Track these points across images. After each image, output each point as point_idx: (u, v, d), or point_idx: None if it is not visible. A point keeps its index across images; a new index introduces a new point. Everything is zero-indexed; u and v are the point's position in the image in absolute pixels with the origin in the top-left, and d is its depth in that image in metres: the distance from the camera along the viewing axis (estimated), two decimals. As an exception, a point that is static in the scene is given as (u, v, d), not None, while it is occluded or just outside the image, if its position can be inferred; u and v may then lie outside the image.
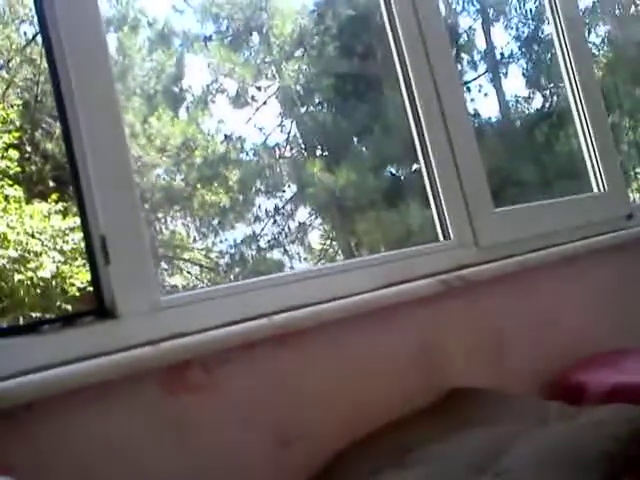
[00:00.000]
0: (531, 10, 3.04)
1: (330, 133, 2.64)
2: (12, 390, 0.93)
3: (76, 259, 2.09)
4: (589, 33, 2.91)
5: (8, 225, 2.04)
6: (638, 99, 3.11)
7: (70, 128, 1.11)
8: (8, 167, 2.13)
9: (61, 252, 2.06)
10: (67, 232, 2.09)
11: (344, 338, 1.27)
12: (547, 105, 3.00)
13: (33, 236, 2.04)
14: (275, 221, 2.47)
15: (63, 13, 1.12)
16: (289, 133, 2.59)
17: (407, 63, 1.61)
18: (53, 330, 1.03)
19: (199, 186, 2.41)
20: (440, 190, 1.58)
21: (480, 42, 3.04)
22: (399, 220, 2.46)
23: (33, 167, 2.20)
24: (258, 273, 2.47)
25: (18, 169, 2.15)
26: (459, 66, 2.83)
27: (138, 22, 2.51)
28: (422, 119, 1.60)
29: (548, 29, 2.08)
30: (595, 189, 1.97)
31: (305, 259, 2.51)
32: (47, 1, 1.12)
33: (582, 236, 1.74)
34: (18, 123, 2.21)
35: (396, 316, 1.34)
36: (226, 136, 2.49)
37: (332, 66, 2.64)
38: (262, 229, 2.45)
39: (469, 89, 2.86)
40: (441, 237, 1.57)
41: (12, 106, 2.22)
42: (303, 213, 2.55)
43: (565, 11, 2.00)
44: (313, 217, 2.58)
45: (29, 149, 2.22)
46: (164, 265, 2.35)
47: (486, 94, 2.93)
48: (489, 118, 2.93)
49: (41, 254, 2.04)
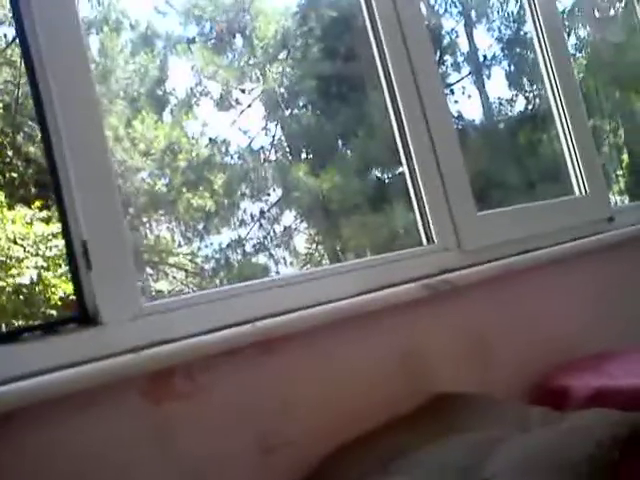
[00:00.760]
0: (512, 12, 3.05)
1: (315, 136, 2.63)
2: (-8, 400, 0.92)
3: (60, 265, 2.07)
4: (569, 35, 2.93)
5: (-11, 230, 2.01)
6: (618, 102, 3.14)
7: (50, 132, 1.11)
8: (-12, 172, 2.11)
9: (44, 258, 2.03)
10: (50, 238, 2.07)
11: (329, 343, 1.27)
12: (530, 107, 3.02)
13: (15, 242, 2.02)
14: (261, 225, 2.46)
15: (41, 15, 1.11)
16: (274, 136, 2.58)
17: (389, 65, 1.62)
18: (35, 338, 1.02)
19: (184, 190, 2.40)
20: (423, 193, 1.58)
21: (463, 44, 3.05)
22: (384, 224, 2.46)
23: (15, 172, 2.18)
24: (244, 277, 2.46)
25: (-1, 174, 2.13)
26: (442, 68, 2.84)
27: (120, 24, 2.49)
28: (405, 122, 1.61)
29: (529, 31, 2.10)
30: (577, 192, 1.99)
31: (291, 263, 2.50)
32: (24, 3, 1.11)
33: (565, 239, 1.75)
34: (-2, 126, 2.18)
35: (380, 320, 1.34)
36: (210, 139, 2.48)
37: (316, 68, 2.63)
38: (247, 233, 2.44)
39: (452, 91, 2.87)
40: (425, 241, 1.58)
41: (-8, 109, 2.19)
42: (289, 217, 2.54)
43: (544, 13, 2.02)
44: (299, 221, 2.57)
45: (10, 153, 2.19)
46: (149, 270, 2.33)
47: (469, 96, 2.95)
48: (472, 120, 2.94)
49: (23, 260, 2.01)
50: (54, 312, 2.03)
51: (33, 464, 0.95)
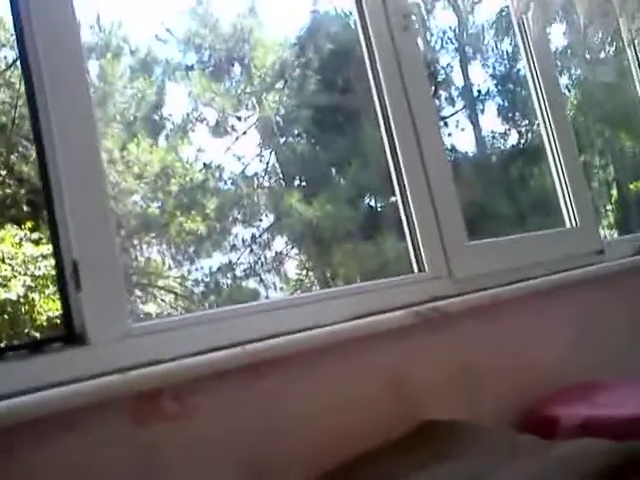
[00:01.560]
0: (507, 50, 3.12)
1: (308, 164, 2.66)
2: (-26, 418, 0.90)
3: (47, 286, 2.06)
4: (561, 74, 3.00)
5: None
6: (608, 139, 3.20)
7: (45, 152, 1.11)
8: (-20, 191, 2.11)
9: (32, 278, 2.02)
10: (40, 259, 2.06)
11: (318, 368, 1.26)
12: (522, 141, 3.07)
13: (3, 261, 2.01)
14: (252, 250, 2.46)
15: (43, 39, 1.13)
16: (268, 163, 2.60)
17: (385, 97, 1.65)
18: (19, 357, 1.01)
19: (176, 213, 2.40)
20: (416, 222, 1.59)
21: (458, 79, 3.11)
22: (375, 252, 2.47)
23: (7, 190, 2.18)
24: (233, 302, 2.45)
25: (-10, 193, 2.13)
26: (437, 102, 2.89)
27: (121, 50, 2.53)
28: (399, 153, 1.63)
29: (523, 69, 2.15)
30: (568, 224, 2.01)
31: (281, 289, 2.50)
32: (27, 26, 1.13)
33: (554, 270, 1.76)
34: (-7, 146, 2.19)
35: (370, 347, 1.34)
36: (205, 164, 2.49)
37: (312, 98, 2.67)
38: (238, 258, 2.44)
39: (447, 124, 2.91)
40: (416, 269, 1.59)
41: (-13, 129, 2.20)
42: (280, 243, 2.54)
43: (538, 52, 2.06)
44: (290, 247, 2.58)
45: (3, 172, 2.19)
46: (138, 292, 2.32)
47: (463, 129, 2.99)
48: (466, 153, 2.98)
49: (10, 279, 2.00)
50: (38, 334, 2.01)
51: (13, 485, 0.94)
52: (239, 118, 2.60)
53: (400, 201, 1.63)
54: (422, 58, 1.78)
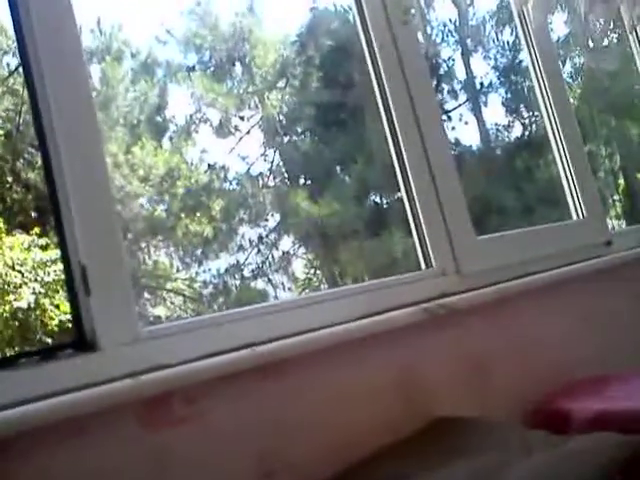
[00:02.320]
0: (508, 41, 3.11)
1: (313, 162, 2.66)
2: (-12, 426, 0.91)
3: (57, 291, 2.07)
4: (564, 64, 2.98)
5: (-13, 256, 2.01)
6: (613, 128, 3.18)
7: (50, 158, 1.12)
8: (-12, 198, 2.12)
9: (42, 284, 2.03)
10: (48, 264, 2.07)
11: (328, 367, 1.26)
12: (527, 133, 3.05)
13: (13, 268, 2.02)
14: (259, 250, 2.46)
15: (44, 44, 1.13)
16: (272, 162, 2.60)
17: (387, 93, 1.64)
18: (31, 364, 1.02)
19: (182, 215, 2.41)
20: (422, 218, 1.59)
21: (460, 72, 3.10)
22: (382, 249, 2.47)
23: (15, 197, 2.19)
24: (242, 303, 2.45)
25: (-2, 200, 2.14)
26: (440, 95, 2.88)
27: (122, 53, 2.53)
28: (403, 148, 1.62)
29: (525, 59, 2.13)
30: (574, 216, 2.00)
31: (289, 288, 2.50)
32: (28, 33, 1.13)
33: (563, 263, 1.76)
34: (-1, 153, 2.20)
35: (379, 345, 1.34)
36: (209, 166, 2.49)
37: (314, 96, 2.67)
38: (246, 258, 2.44)
39: (450, 118, 2.90)
40: (423, 265, 1.58)
41: (-7, 136, 2.21)
42: (287, 242, 2.54)
43: (539, 42, 2.05)
44: (297, 246, 2.58)
45: (10, 179, 2.20)
46: (147, 295, 2.33)
47: (467, 123, 2.98)
48: (470, 146, 2.97)
49: (21, 286, 2.01)
50: (50, 340, 2.02)
51: (28, 492, 0.94)
52: (242, 118, 2.60)
53: (405, 197, 1.63)
54: (423, 52, 1.77)
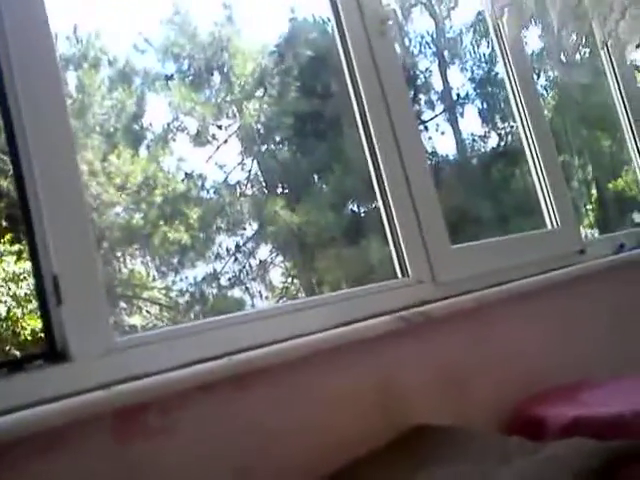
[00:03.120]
0: (484, 54, 3.15)
1: (291, 171, 2.65)
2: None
3: (30, 301, 2.03)
4: (538, 76, 3.03)
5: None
6: (586, 140, 3.24)
7: (22, 165, 1.10)
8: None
9: (13, 296, 1.99)
10: (21, 276, 2.03)
11: (305, 376, 1.26)
12: (502, 144, 3.09)
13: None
14: (236, 259, 2.45)
15: (17, 50, 1.12)
16: (250, 171, 2.59)
17: (364, 103, 1.65)
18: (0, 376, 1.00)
19: (160, 224, 2.38)
20: (398, 227, 1.60)
21: (437, 83, 3.13)
22: (360, 257, 2.47)
23: (-14, 205, 2.15)
24: (219, 311, 2.43)
25: (-33, 207, 2.09)
26: (417, 106, 2.90)
27: (99, 61, 2.51)
28: (379, 158, 1.63)
29: (501, 72, 2.17)
30: (549, 225, 2.03)
31: (267, 297, 2.48)
32: (0, 39, 1.11)
33: (537, 271, 1.78)
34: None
35: (356, 353, 1.34)
36: (187, 174, 2.48)
37: (292, 105, 2.67)
38: (223, 267, 2.42)
39: (427, 128, 2.92)
40: (400, 274, 1.59)
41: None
42: (264, 251, 2.53)
43: (514, 55, 2.09)
44: (274, 255, 2.57)
45: (-19, 187, 2.16)
46: (123, 305, 2.30)
47: (443, 133, 3.01)
48: (446, 156, 2.99)
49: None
50: (19, 352, 1.97)
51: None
52: (220, 127, 2.59)
53: (382, 206, 1.64)
54: (400, 63, 1.79)
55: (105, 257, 2.18)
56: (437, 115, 3.00)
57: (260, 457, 1.16)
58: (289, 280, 2.55)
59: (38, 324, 1.94)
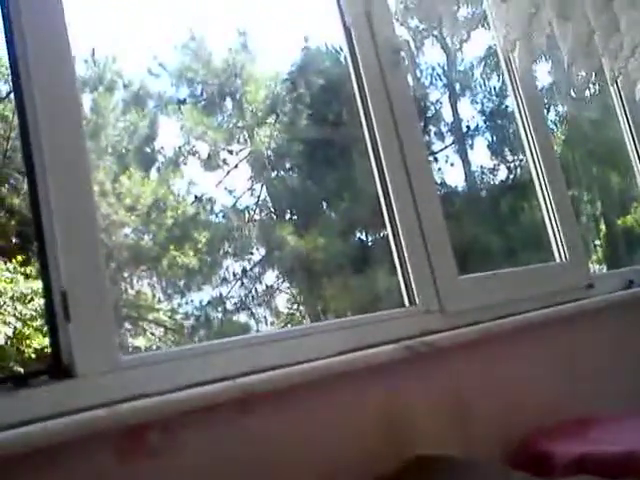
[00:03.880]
0: (495, 87, 3.18)
1: (300, 198, 2.67)
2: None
3: (35, 320, 2.03)
4: (548, 111, 3.06)
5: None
6: (595, 176, 3.25)
7: (37, 184, 1.11)
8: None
9: (19, 315, 1.99)
10: (28, 296, 2.03)
11: (309, 402, 1.25)
12: (511, 177, 3.11)
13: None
14: (242, 284, 2.45)
15: (39, 75, 1.14)
16: (259, 197, 2.61)
17: (376, 133, 1.67)
18: (4, 391, 0.99)
19: (168, 246, 2.39)
20: (406, 257, 1.60)
21: (447, 115, 3.16)
22: (366, 285, 2.47)
23: (-2, 221, 2.17)
24: (224, 335, 2.42)
25: (-21, 225, 2.11)
26: (427, 137, 2.93)
27: (114, 84, 2.55)
28: (390, 187, 1.64)
29: (511, 105, 2.19)
30: (557, 259, 2.02)
31: (272, 323, 2.48)
32: (22, 60, 1.14)
33: (545, 304, 1.77)
34: (-17, 178, 2.19)
35: (361, 381, 1.33)
36: (196, 197, 2.50)
37: (303, 133, 2.70)
38: (229, 291, 2.42)
39: (436, 159, 2.94)
40: (407, 303, 1.59)
41: (-22, 162, 2.20)
42: (271, 276, 2.53)
43: (525, 89, 2.11)
44: (281, 280, 2.57)
45: (-6, 205, 2.18)
46: (128, 326, 2.29)
47: (452, 164, 3.03)
48: (455, 187, 3.01)
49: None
50: (23, 369, 1.97)
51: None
52: (231, 152, 2.62)
53: (391, 235, 1.64)
54: (412, 94, 1.81)
55: (112, 277, 2.19)
56: (447, 146, 3.02)
57: (261, 482, 1.15)
58: (295, 307, 2.54)
59: (43, 342, 1.94)
